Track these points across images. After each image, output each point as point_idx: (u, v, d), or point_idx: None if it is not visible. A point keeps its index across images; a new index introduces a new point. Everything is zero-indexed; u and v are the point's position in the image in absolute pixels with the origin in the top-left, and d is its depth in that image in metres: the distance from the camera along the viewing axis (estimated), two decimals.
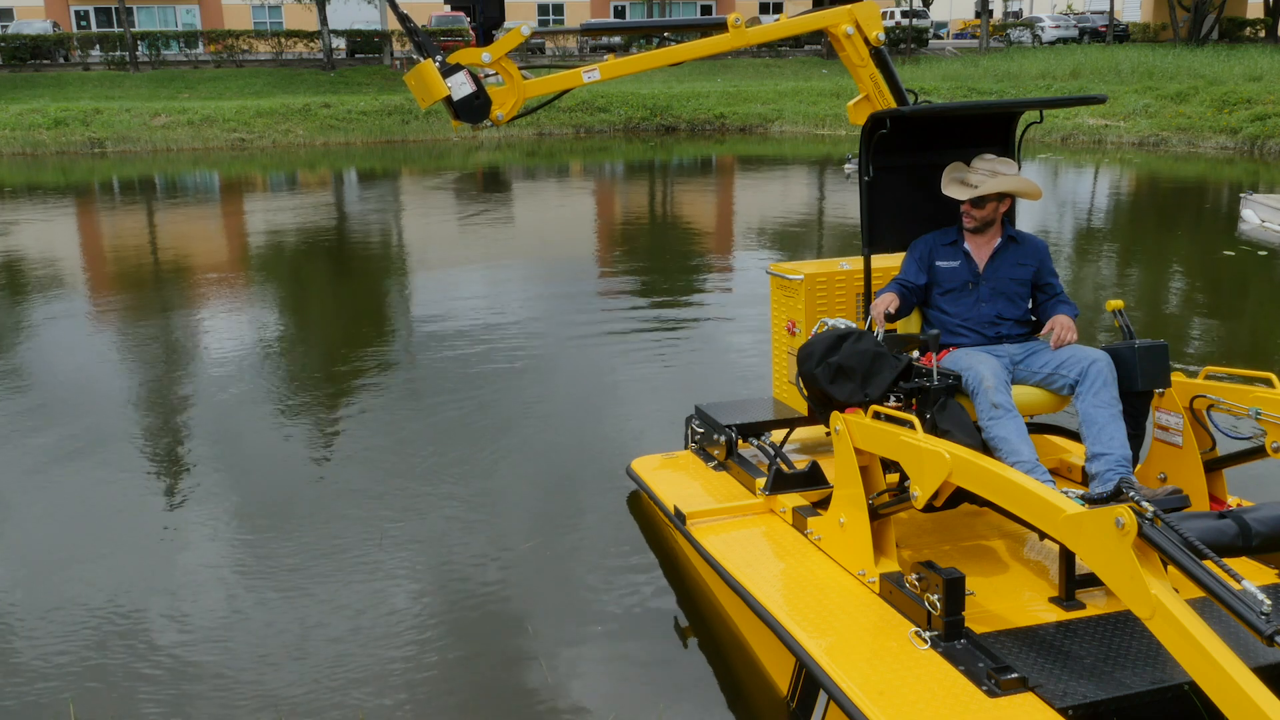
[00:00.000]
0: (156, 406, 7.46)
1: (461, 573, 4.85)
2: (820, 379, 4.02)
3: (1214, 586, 2.56)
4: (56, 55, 42.08)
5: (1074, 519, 2.91)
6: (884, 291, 4.50)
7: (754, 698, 3.87)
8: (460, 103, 4.36)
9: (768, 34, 4.71)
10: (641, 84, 38.88)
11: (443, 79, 4.32)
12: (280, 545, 5.16)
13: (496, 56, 4.37)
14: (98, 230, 17.13)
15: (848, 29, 4.72)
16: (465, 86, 4.33)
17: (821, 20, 4.73)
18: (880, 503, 3.83)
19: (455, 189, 21.84)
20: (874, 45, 4.79)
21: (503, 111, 4.45)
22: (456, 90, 4.33)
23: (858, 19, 4.74)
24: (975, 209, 4.40)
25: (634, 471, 5.44)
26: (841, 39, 4.74)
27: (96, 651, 4.24)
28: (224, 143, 30.77)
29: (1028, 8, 70.85)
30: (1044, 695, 3.12)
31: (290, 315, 10.60)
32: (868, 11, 4.76)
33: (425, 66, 4.34)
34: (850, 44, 4.76)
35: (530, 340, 8.91)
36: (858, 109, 4.97)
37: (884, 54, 4.83)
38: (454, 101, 4.35)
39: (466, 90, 4.34)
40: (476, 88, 4.35)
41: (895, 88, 4.91)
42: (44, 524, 5.47)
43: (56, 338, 9.47)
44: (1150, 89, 29.92)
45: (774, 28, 4.72)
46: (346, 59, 43.77)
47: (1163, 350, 4.13)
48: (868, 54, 4.81)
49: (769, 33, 4.71)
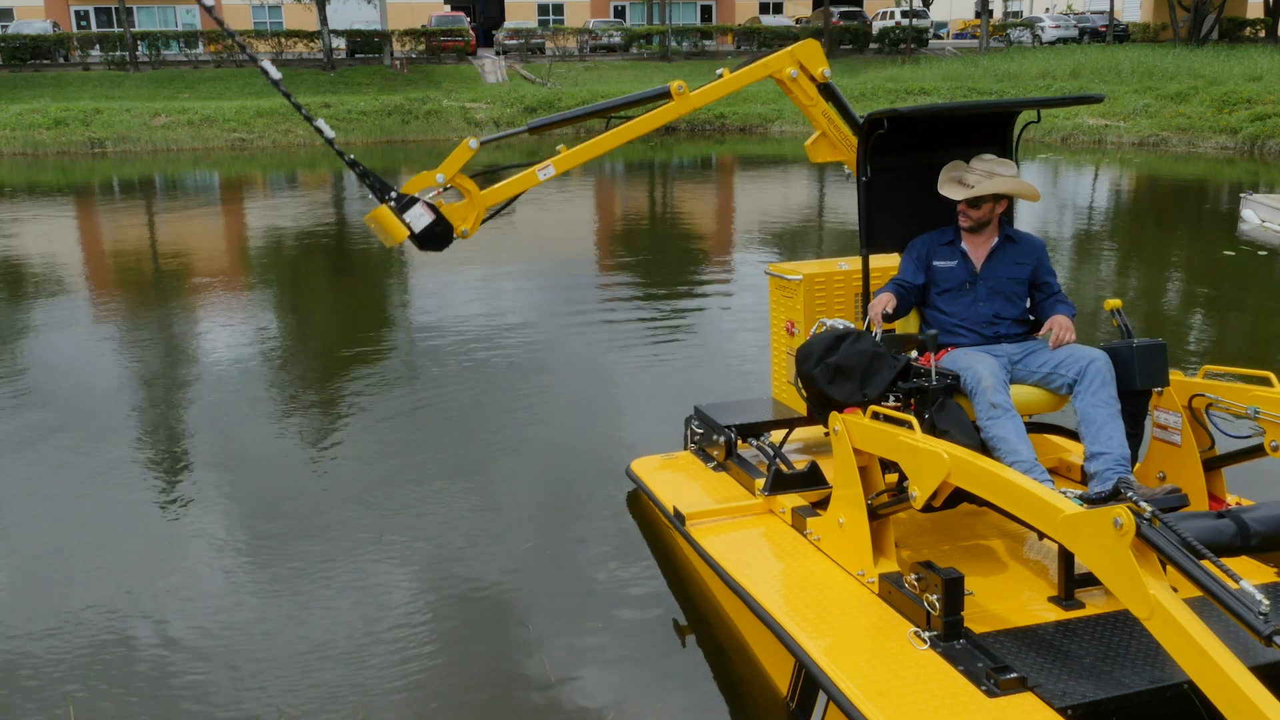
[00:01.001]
0: (155, 406, 7.46)
1: (461, 573, 4.85)
2: (819, 379, 4.03)
3: (1212, 586, 2.56)
4: (56, 55, 42.07)
5: (1072, 519, 2.91)
6: (881, 292, 4.50)
7: (754, 698, 3.87)
8: (422, 235, 4.35)
9: (713, 93, 4.61)
10: (641, 84, 38.87)
11: (400, 218, 4.32)
12: (279, 545, 5.16)
13: (450, 176, 4.37)
14: (97, 230, 17.13)
15: (791, 72, 4.64)
16: (424, 218, 4.34)
17: (765, 68, 4.66)
18: (879, 503, 3.84)
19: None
20: (821, 82, 4.72)
21: (466, 227, 4.44)
22: (416, 224, 4.33)
23: (800, 60, 4.66)
24: (971, 209, 4.41)
25: (633, 472, 5.44)
26: (787, 83, 4.67)
27: (96, 651, 4.24)
28: (224, 143, 30.77)
29: (1028, 8, 70.83)
30: (1043, 695, 3.13)
31: (289, 315, 10.60)
32: (808, 51, 4.69)
33: (381, 213, 4.32)
34: (797, 86, 4.69)
35: (529, 340, 8.91)
36: (816, 147, 4.90)
37: (833, 88, 4.76)
38: (416, 235, 4.34)
39: (426, 221, 4.34)
40: (435, 216, 4.35)
41: (850, 119, 4.86)
42: (42, 524, 5.47)
43: (55, 337, 9.47)
44: (1150, 89, 29.92)
45: (718, 85, 4.62)
46: (346, 59, 43.76)
47: (1161, 349, 4.13)
48: (816, 92, 4.74)
49: (714, 92, 4.61)
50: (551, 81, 39.81)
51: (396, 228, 4.33)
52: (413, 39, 44.76)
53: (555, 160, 4.49)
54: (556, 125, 4.59)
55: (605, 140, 4.52)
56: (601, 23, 49.23)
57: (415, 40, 44.72)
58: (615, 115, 4.63)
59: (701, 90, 4.59)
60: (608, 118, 4.61)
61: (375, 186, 4.35)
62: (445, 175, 4.36)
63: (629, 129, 4.57)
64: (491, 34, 50.05)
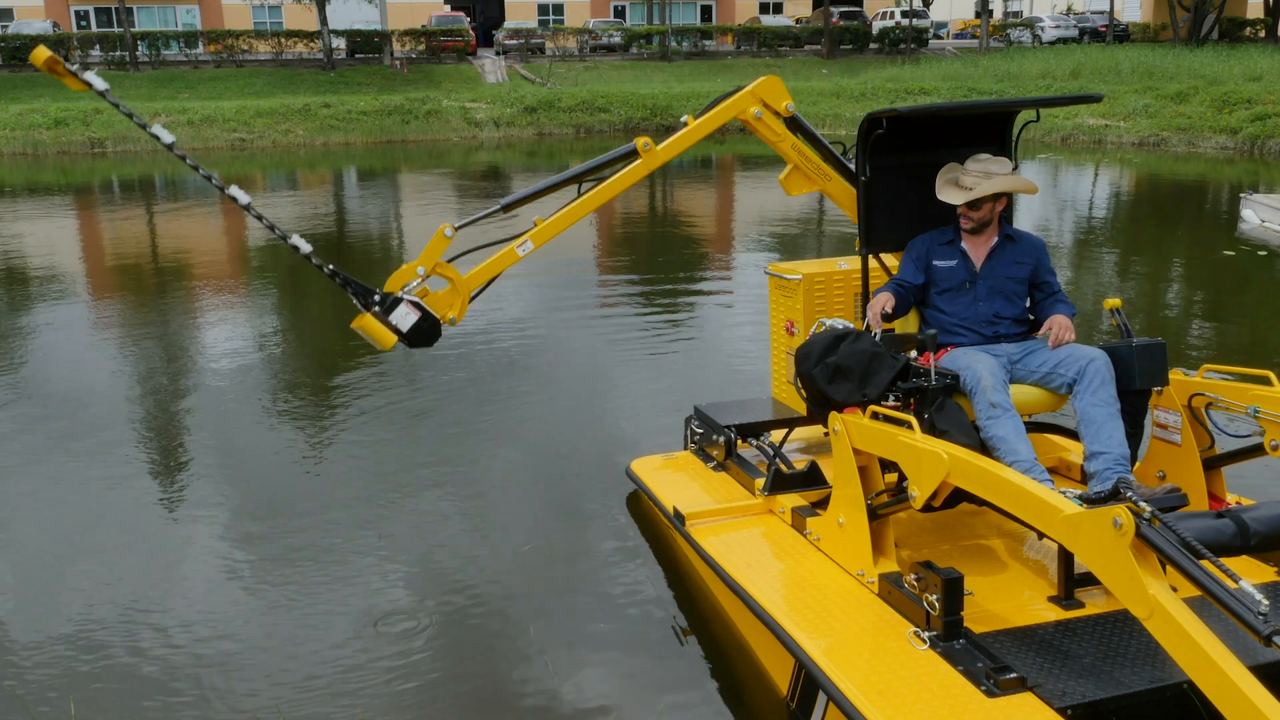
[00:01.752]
0: (155, 406, 7.46)
1: (461, 573, 4.85)
2: (818, 379, 4.03)
3: (1211, 587, 2.56)
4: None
5: (1072, 519, 2.91)
6: (881, 291, 4.50)
7: (754, 698, 3.87)
8: (411, 334, 4.32)
9: (679, 144, 4.56)
10: (641, 84, 38.90)
11: (386, 323, 4.29)
12: (279, 546, 5.16)
13: (430, 267, 4.33)
14: (97, 230, 17.13)
15: (755, 111, 4.61)
16: (410, 317, 4.30)
17: (729, 111, 4.62)
18: (879, 503, 3.84)
19: (456, 188, 21.83)
20: (786, 116, 4.69)
21: (454, 314, 4.41)
22: (403, 325, 4.29)
23: (762, 98, 4.63)
24: (972, 211, 4.41)
25: (633, 472, 5.44)
26: (752, 122, 4.64)
27: (96, 651, 4.24)
28: (224, 143, 30.77)
29: (1028, 8, 70.82)
30: (1043, 695, 3.13)
31: (287, 314, 10.60)
32: (769, 87, 4.65)
33: (366, 322, 4.28)
34: (762, 124, 4.65)
35: (528, 340, 8.91)
36: (789, 181, 4.86)
37: (799, 120, 4.73)
38: (405, 336, 4.32)
39: (413, 320, 4.31)
40: (421, 312, 4.32)
41: (820, 147, 4.84)
42: (41, 524, 5.47)
43: (55, 337, 9.47)
44: (1150, 89, 29.92)
45: (684, 135, 4.56)
46: (346, 59, 43.77)
47: (1161, 349, 4.13)
48: (783, 127, 4.71)
49: (680, 142, 4.56)
50: (551, 81, 39.81)
51: (384, 334, 4.29)
52: (413, 39, 44.77)
53: (533, 234, 4.45)
54: (531, 199, 4.51)
55: (580, 206, 4.48)
56: (601, 23, 49.23)
57: (415, 40, 44.73)
58: (588, 179, 4.56)
59: (667, 143, 4.54)
60: (579, 183, 4.53)
61: (357, 292, 4.30)
62: (425, 267, 4.32)
63: (602, 192, 4.51)
64: (491, 34, 50.06)
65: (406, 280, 4.33)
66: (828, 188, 4.86)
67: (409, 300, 4.30)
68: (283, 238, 4.22)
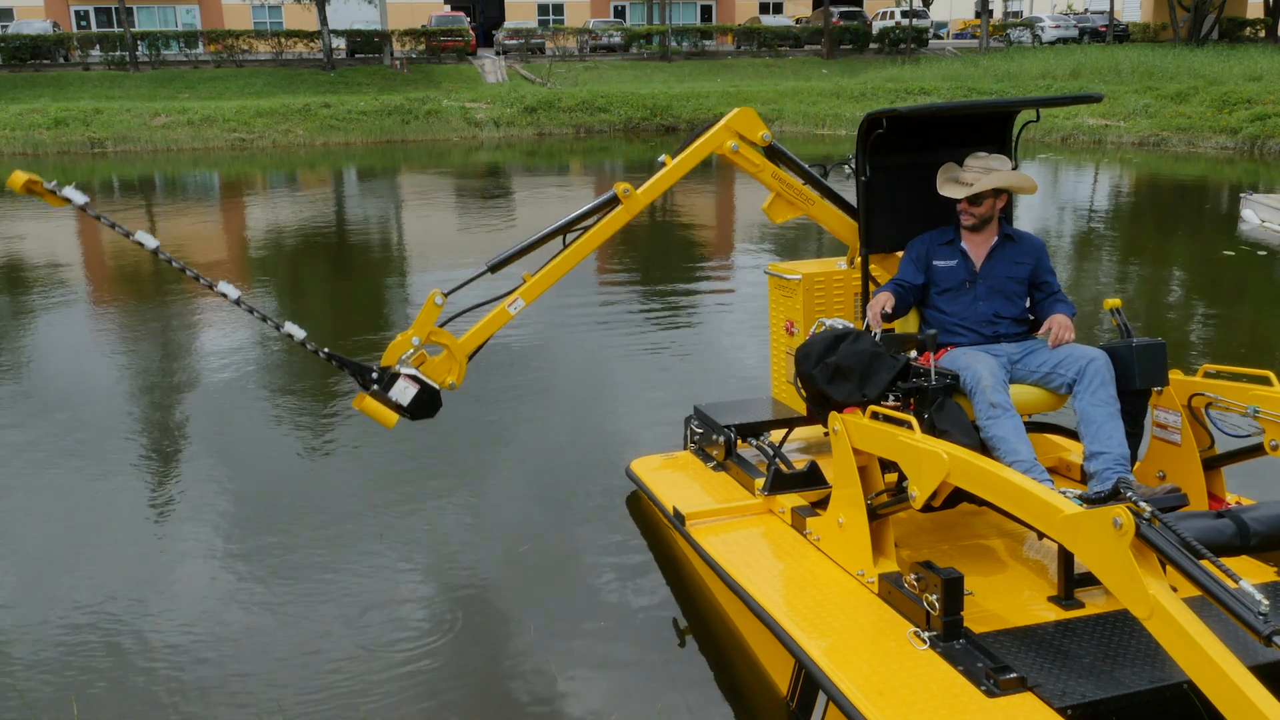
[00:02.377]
0: (155, 407, 7.46)
1: (461, 573, 4.85)
2: (818, 379, 4.03)
3: (1211, 587, 2.56)
4: (56, 55, 42.06)
5: (1072, 519, 2.91)
6: (880, 291, 4.50)
7: (754, 698, 3.87)
8: (411, 407, 4.32)
9: (659, 185, 4.54)
10: (641, 84, 38.89)
11: (387, 402, 4.28)
12: (279, 547, 5.16)
13: (424, 336, 4.33)
14: (97, 230, 17.12)
15: (732, 145, 4.60)
16: (409, 390, 4.30)
17: (705, 148, 4.61)
18: (879, 503, 3.83)
19: (456, 188, 21.83)
20: (763, 146, 4.68)
21: (452, 379, 4.41)
22: (404, 399, 4.29)
23: (738, 131, 4.62)
24: (973, 206, 4.41)
25: (633, 472, 5.44)
26: (730, 155, 4.64)
27: (97, 651, 4.24)
28: (224, 143, 30.77)
29: (1028, 8, 70.82)
30: (1043, 695, 3.12)
31: (287, 314, 10.59)
32: (743, 119, 4.63)
33: (367, 403, 4.28)
34: (740, 157, 4.65)
35: (528, 340, 8.91)
36: (774, 208, 4.86)
37: (777, 148, 4.72)
38: (406, 410, 4.31)
39: (412, 393, 4.30)
40: (419, 385, 4.31)
41: (801, 172, 4.83)
42: (42, 525, 5.48)
43: (54, 337, 9.47)
44: (1150, 89, 29.91)
45: (663, 176, 4.54)
46: (346, 59, 43.77)
47: (1161, 349, 4.13)
48: (761, 158, 4.70)
49: (660, 184, 4.54)
50: (551, 81, 39.81)
51: (385, 414, 4.30)
52: (413, 39, 44.76)
53: (522, 291, 4.45)
54: (516, 258, 4.49)
55: (567, 259, 4.47)
56: (601, 23, 49.23)
57: (415, 40, 44.73)
58: (573, 229, 4.53)
59: (647, 186, 4.52)
60: (563, 236, 4.52)
61: (354, 372, 4.30)
62: (419, 336, 4.32)
63: (587, 241, 4.50)
64: (491, 34, 50.05)
65: (402, 351, 4.32)
66: (811, 211, 4.86)
67: (406, 374, 4.29)
68: (276, 327, 4.24)
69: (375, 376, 4.29)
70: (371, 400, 4.29)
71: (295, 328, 4.24)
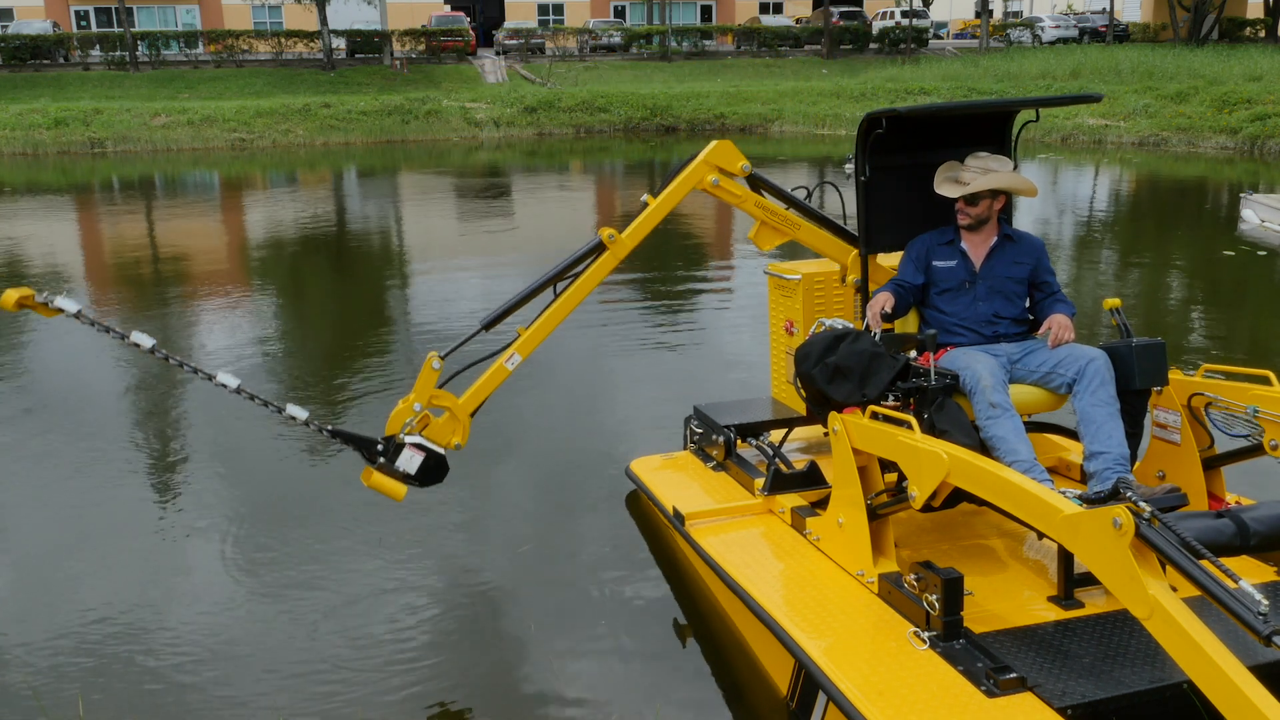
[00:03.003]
0: (155, 408, 7.46)
1: (461, 574, 4.85)
2: (818, 379, 4.02)
3: (1211, 586, 2.56)
4: (56, 55, 42.07)
5: (1071, 519, 2.91)
6: (880, 291, 4.50)
7: (754, 698, 3.87)
8: (419, 475, 4.31)
9: (643, 227, 4.53)
10: (641, 84, 38.89)
11: (394, 473, 4.28)
12: (279, 547, 5.16)
13: (425, 400, 4.30)
14: (97, 229, 17.13)
15: (712, 179, 4.60)
16: (415, 459, 4.29)
17: (686, 184, 4.61)
18: (879, 503, 3.83)
19: (456, 188, 21.84)
20: (743, 176, 4.67)
21: (457, 439, 4.39)
22: (411, 468, 4.28)
23: (716, 164, 4.61)
24: (969, 206, 4.41)
25: (633, 472, 5.44)
26: (712, 189, 4.63)
27: (100, 652, 4.24)
28: (224, 143, 30.78)
29: (1028, 8, 70.83)
30: (1043, 695, 3.12)
31: (287, 314, 10.60)
32: (721, 152, 4.63)
33: (375, 478, 4.27)
34: (722, 190, 4.63)
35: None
36: (760, 236, 4.85)
37: (758, 177, 4.71)
38: (414, 478, 4.30)
39: (418, 461, 4.29)
40: (425, 452, 4.30)
41: (784, 197, 4.82)
42: (42, 525, 5.47)
43: (54, 338, 9.46)
44: (1150, 89, 29.92)
45: (647, 217, 4.53)
46: (346, 59, 43.77)
47: (1160, 348, 4.13)
48: (743, 188, 4.69)
49: (644, 225, 4.53)
50: (551, 81, 39.82)
51: (394, 487, 4.29)
52: (413, 39, 44.77)
53: (518, 346, 4.44)
54: (508, 313, 4.47)
55: (559, 309, 4.46)
56: (601, 23, 49.24)
57: (415, 40, 44.73)
58: (562, 279, 4.51)
59: (631, 229, 4.50)
60: (553, 286, 4.50)
61: (359, 446, 4.28)
62: (420, 401, 4.30)
63: (578, 289, 4.49)
64: (491, 34, 50.06)
65: (404, 418, 4.30)
66: (799, 236, 4.85)
67: (411, 443, 4.28)
68: (278, 410, 4.21)
69: (380, 448, 4.27)
70: (378, 475, 4.29)
71: (297, 409, 4.23)
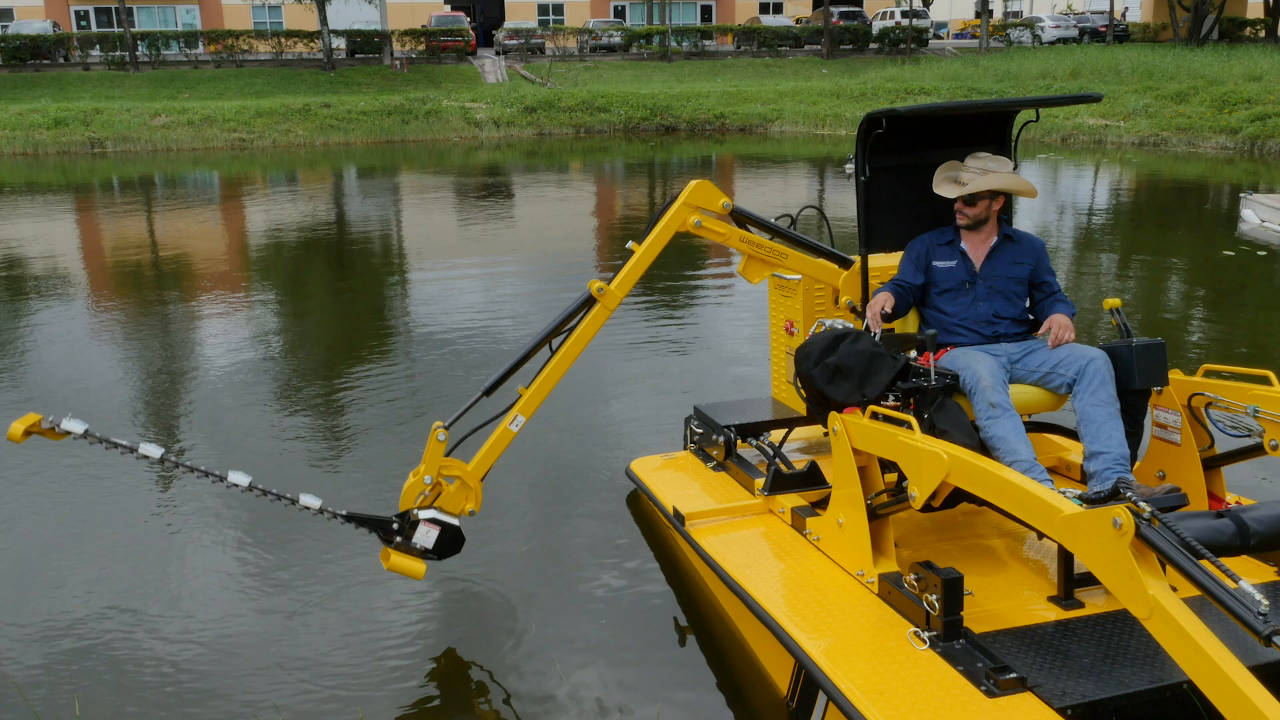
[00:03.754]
0: (155, 407, 7.46)
1: (461, 573, 4.85)
2: (818, 379, 4.02)
3: (1211, 587, 2.56)
4: (56, 55, 42.07)
5: (1071, 519, 2.91)
6: (880, 291, 4.50)
7: (754, 698, 3.87)
8: (437, 549, 4.30)
9: (631, 276, 4.49)
10: (641, 84, 38.89)
11: (411, 550, 4.26)
12: (279, 547, 5.17)
13: (435, 471, 4.28)
14: (97, 229, 17.12)
15: (695, 220, 4.57)
16: (431, 534, 4.27)
17: (669, 228, 4.57)
18: (879, 503, 3.83)
19: (456, 188, 21.84)
20: (725, 214, 4.65)
21: (471, 506, 4.38)
22: (428, 543, 4.27)
23: (697, 205, 4.58)
24: (967, 206, 4.41)
25: (633, 472, 5.44)
26: (695, 230, 4.60)
27: (99, 652, 4.24)
28: (224, 143, 30.78)
29: (1028, 8, 70.82)
30: (1043, 695, 3.12)
31: (286, 315, 10.60)
32: (701, 193, 4.58)
33: (393, 560, 4.25)
34: (705, 230, 4.61)
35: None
36: (748, 270, 4.82)
37: (740, 211, 4.69)
38: (431, 552, 4.29)
39: (435, 535, 4.28)
40: (440, 525, 4.28)
41: (768, 228, 4.81)
42: (44, 525, 5.47)
43: (53, 338, 9.47)
44: (1150, 89, 29.91)
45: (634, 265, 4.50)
46: (346, 59, 43.77)
47: (1160, 348, 4.13)
48: (726, 225, 4.66)
49: (631, 274, 4.49)
50: (551, 81, 39.82)
51: (413, 566, 4.27)
52: (413, 39, 44.77)
53: (520, 407, 4.41)
54: (508, 376, 4.45)
55: (558, 365, 4.44)
56: (601, 22, 49.24)
57: (415, 40, 44.73)
58: (557, 334, 4.49)
59: (619, 279, 4.47)
60: (549, 344, 4.49)
61: (375, 528, 4.27)
62: (430, 474, 4.28)
63: (574, 344, 4.46)
64: (491, 34, 50.06)
65: (416, 492, 4.28)
66: (787, 265, 4.82)
67: (425, 518, 4.27)
68: (292, 501, 4.18)
69: (396, 527, 4.26)
70: (397, 555, 4.27)
71: (310, 498, 4.20)
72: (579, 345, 4.47)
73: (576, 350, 4.48)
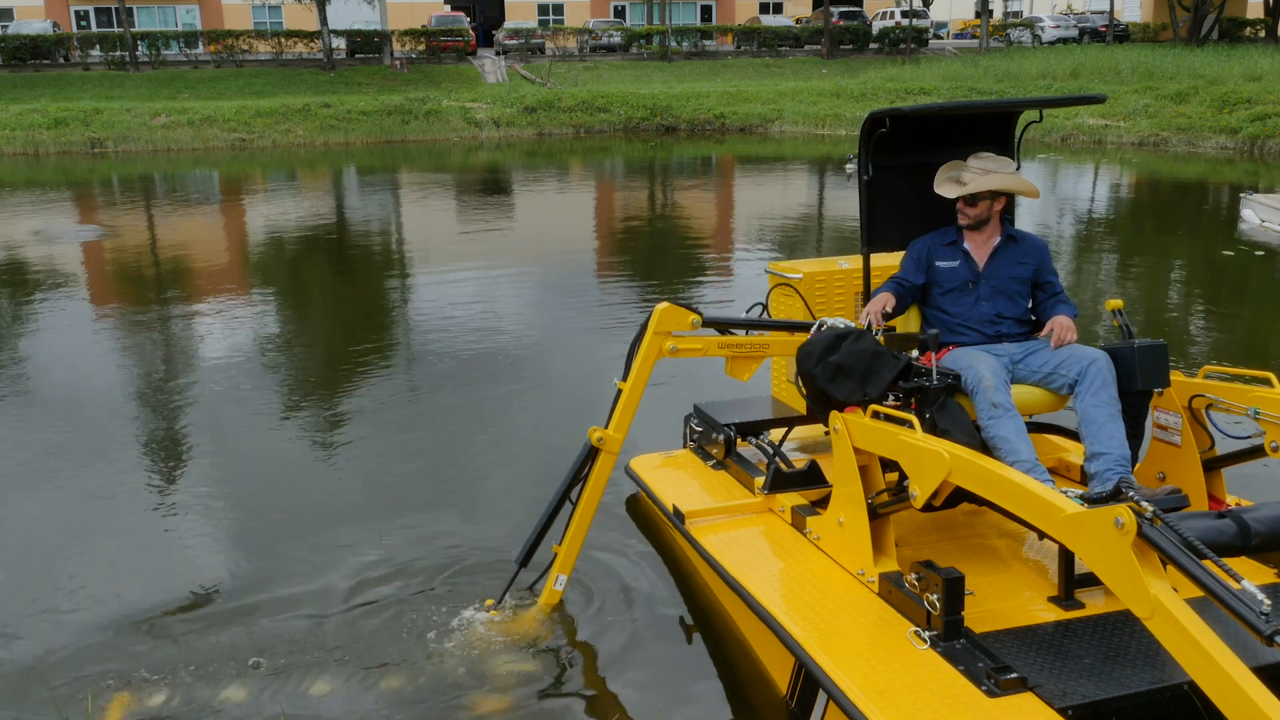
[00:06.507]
0: (154, 407, 7.45)
1: (461, 573, 4.84)
2: (819, 378, 4.02)
3: (1213, 586, 2.55)
4: (56, 55, 42.05)
5: (1073, 519, 2.90)
6: (880, 290, 4.49)
7: (754, 697, 3.87)
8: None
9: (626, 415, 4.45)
10: (641, 84, 38.89)
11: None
12: (279, 548, 5.16)
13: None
14: (96, 228, 17.11)
15: (671, 346, 4.56)
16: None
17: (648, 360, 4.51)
18: (879, 502, 3.83)
19: (456, 188, 21.83)
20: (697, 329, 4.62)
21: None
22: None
23: (668, 331, 4.53)
24: (969, 206, 4.41)
25: (633, 471, 5.44)
26: (672, 354, 4.58)
27: (99, 652, 4.24)
28: (224, 143, 30.76)
29: (1028, 8, 70.84)
30: (1043, 695, 3.12)
31: (286, 315, 10.59)
32: (669, 317, 4.51)
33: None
34: (683, 351, 4.59)
35: (528, 339, 8.90)
36: (735, 369, 4.77)
37: (712, 319, 4.66)
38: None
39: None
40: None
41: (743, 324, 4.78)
42: (44, 528, 5.47)
43: (53, 337, 9.46)
44: (1150, 89, 29.91)
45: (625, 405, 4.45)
46: (346, 59, 43.75)
47: (1162, 350, 4.12)
48: (704, 339, 4.64)
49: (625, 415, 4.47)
50: (551, 81, 39.81)
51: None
52: (413, 39, 44.76)
53: (559, 565, 4.39)
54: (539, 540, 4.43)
55: (582, 518, 4.41)
56: (601, 22, 49.23)
57: (415, 40, 44.72)
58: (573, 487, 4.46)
59: (615, 421, 4.46)
60: (568, 498, 4.46)
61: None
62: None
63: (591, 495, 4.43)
64: (491, 34, 50.04)
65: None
66: (770, 351, 4.75)
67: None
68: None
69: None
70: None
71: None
72: (596, 495, 4.47)
73: (595, 499, 4.46)
